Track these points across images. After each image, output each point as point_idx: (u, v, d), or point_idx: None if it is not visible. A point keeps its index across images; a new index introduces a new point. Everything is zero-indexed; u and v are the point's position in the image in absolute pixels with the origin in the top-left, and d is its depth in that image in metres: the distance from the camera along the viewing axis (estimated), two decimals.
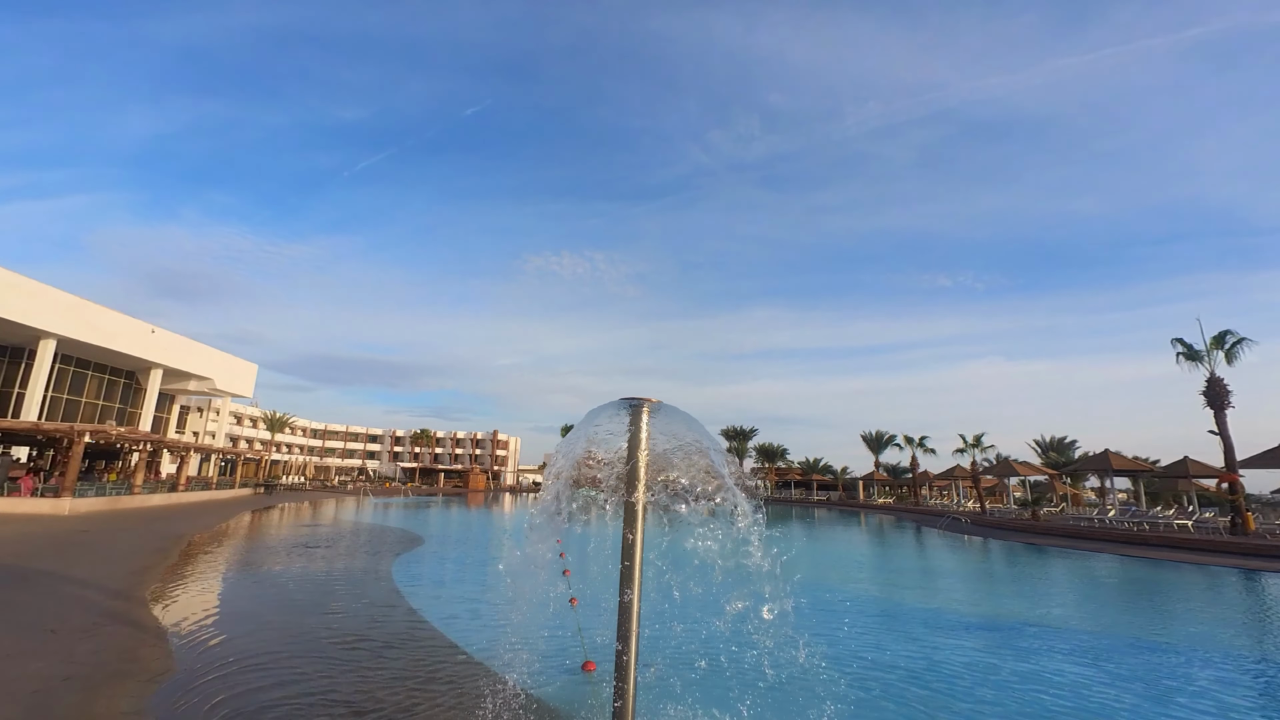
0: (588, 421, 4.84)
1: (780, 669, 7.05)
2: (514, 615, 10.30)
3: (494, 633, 9.12)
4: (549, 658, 7.79)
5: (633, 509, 4.49)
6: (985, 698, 6.72)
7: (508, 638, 8.91)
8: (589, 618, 9.80)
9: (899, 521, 40.03)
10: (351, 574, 13.30)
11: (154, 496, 29.56)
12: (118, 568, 12.34)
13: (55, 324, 37.35)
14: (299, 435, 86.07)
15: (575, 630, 9.06)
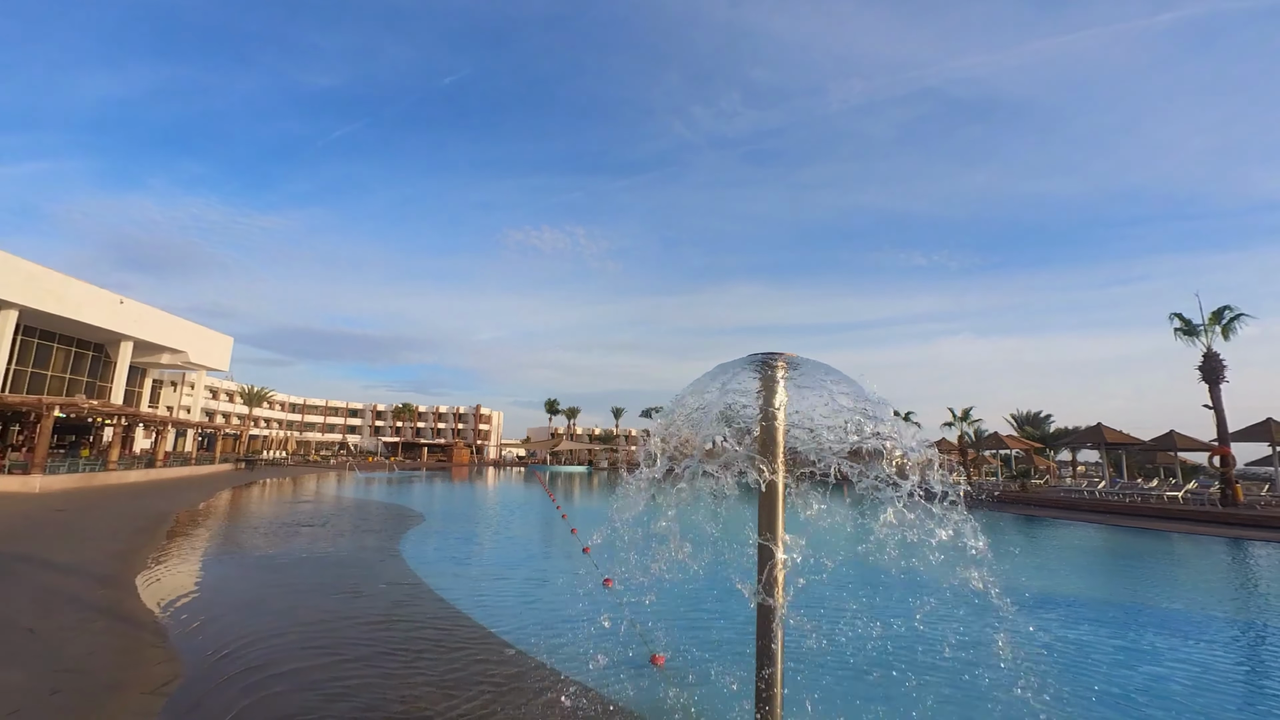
0: (707, 383, 3.91)
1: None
2: (546, 596, 9.49)
3: (532, 618, 8.26)
4: (606, 649, 6.95)
5: (772, 492, 3.59)
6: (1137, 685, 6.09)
7: (548, 624, 8.06)
8: (627, 600, 9.00)
9: None
10: (359, 554, 12.28)
11: (131, 473, 27.90)
12: (100, 550, 11.14)
13: (16, 294, 34.80)
14: (277, 410, 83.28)
15: (621, 616, 8.23)
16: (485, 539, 15.68)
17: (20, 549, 10.84)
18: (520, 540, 15.50)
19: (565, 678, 5.87)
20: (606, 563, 11.73)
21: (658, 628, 7.74)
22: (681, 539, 4.10)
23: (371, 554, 12.49)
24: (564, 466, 74.05)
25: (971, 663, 6.49)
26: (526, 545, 14.73)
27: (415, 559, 12.24)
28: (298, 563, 11.11)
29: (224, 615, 7.58)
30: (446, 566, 11.78)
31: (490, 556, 13.16)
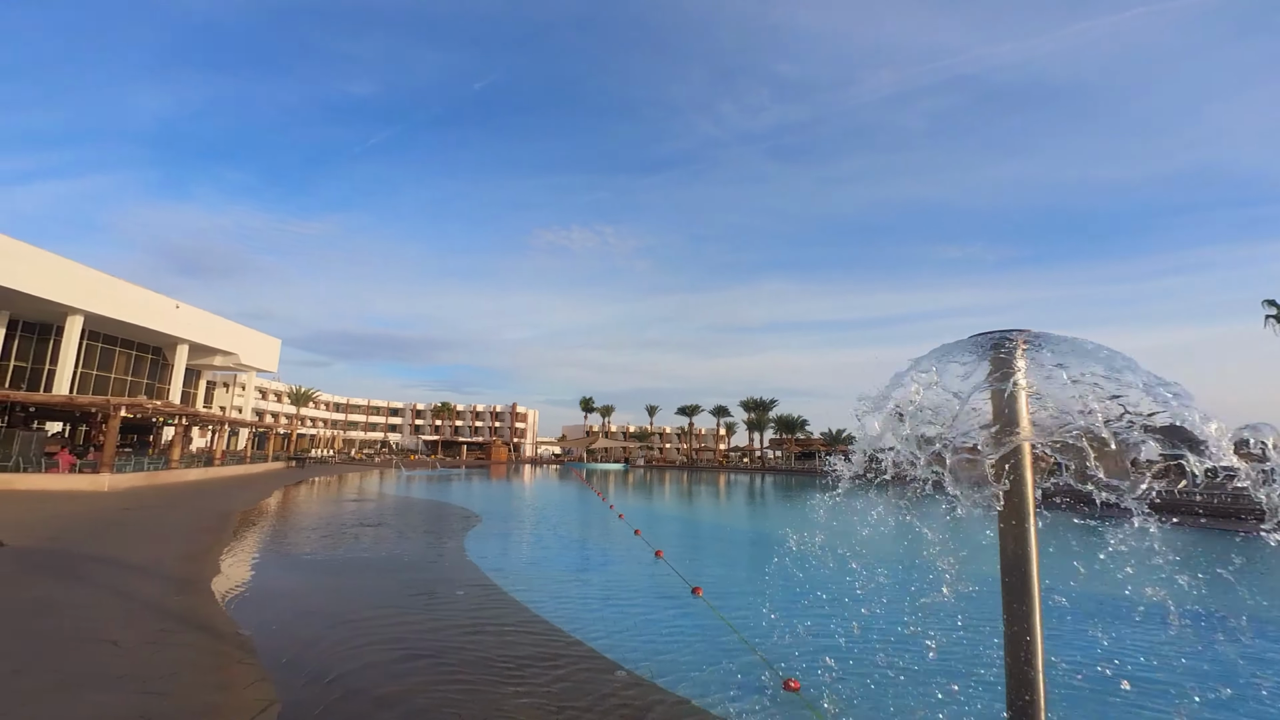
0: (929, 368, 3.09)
1: None
2: (633, 604, 8.79)
3: (628, 630, 7.55)
4: (725, 671, 6.20)
5: (1020, 497, 2.75)
6: None
7: (648, 637, 7.35)
8: (727, 613, 8.23)
9: None
10: (427, 556, 11.82)
11: (191, 471, 28.39)
12: (171, 551, 10.90)
13: (82, 300, 35.98)
14: (322, 409, 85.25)
15: (728, 629, 7.47)
16: (548, 539, 15.10)
17: (97, 550, 10.66)
18: (584, 541, 14.89)
19: (695, 706, 5.14)
20: (686, 569, 10.99)
21: (771, 643, 6.95)
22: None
23: (439, 555, 12.02)
24: (600, 464, 73.73)
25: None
26: (592, 547, 14.11)
27: (484, 560, 11.71)
28: (366, 565, 10.67)
29: (306, 626, 7.09)
30: (518, 569, 11.21)
31: (559, 559, 12.55)
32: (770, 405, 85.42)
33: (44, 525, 13.14)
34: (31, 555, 10.11)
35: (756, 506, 26.89)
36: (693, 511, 24.31)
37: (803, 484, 46.29)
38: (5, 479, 19.61)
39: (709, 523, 20.16)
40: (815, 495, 33.60)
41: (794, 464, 73.82)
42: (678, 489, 37.63)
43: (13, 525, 12.98)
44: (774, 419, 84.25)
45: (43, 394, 29.32)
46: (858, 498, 3.28)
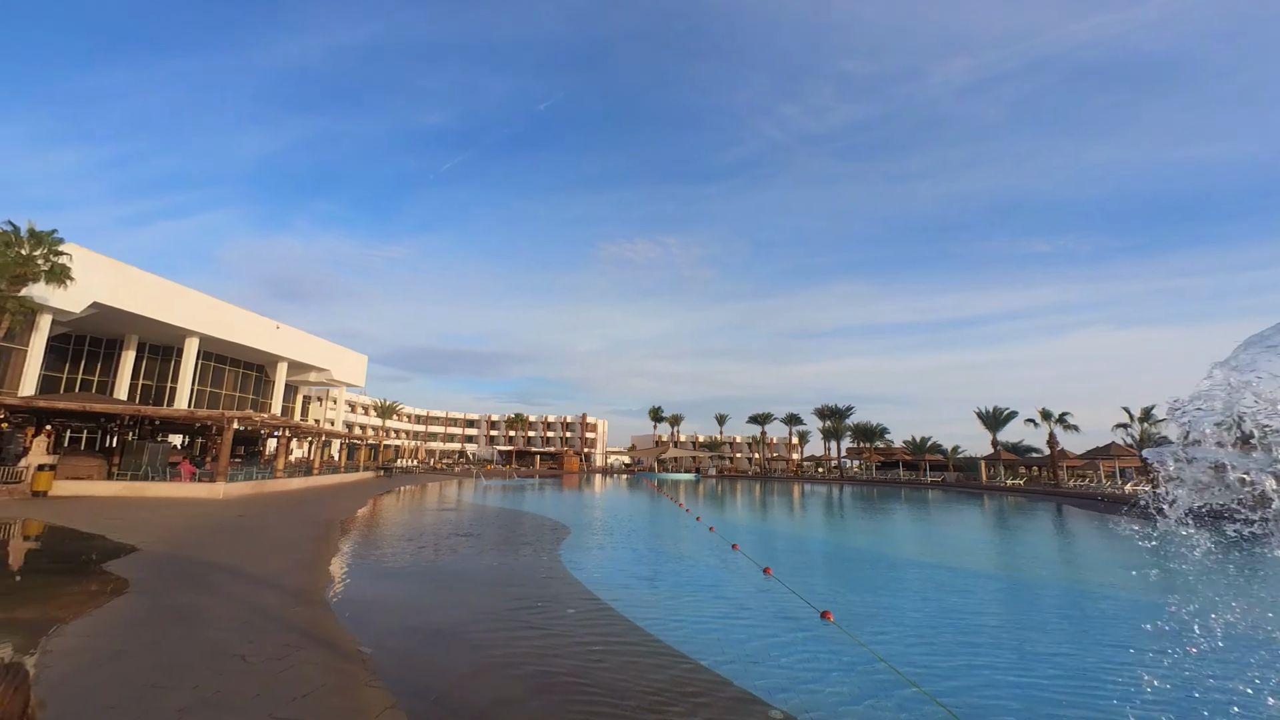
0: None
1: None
2: (757, 628, 7.93)
3: (763, 659, 6.72)
4: (889, 710, 5.26)
5: None
6: None
7: (787, 666, 6.49)
8: (869, 641, 7.23)
9: (1043, 504, 35.01)
10: (528, 570, 11.44)
11: (293, 480, 29.94)
12: (286, 559, 11.06)
13: (198, 323, 39.25)
14: (405, 421, 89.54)
15: (869, 658, 6.50)
16: (643, 553, 14.45)
17: (218, 557, 10.96)
18: (681, 556, 14.12)
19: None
20: (802, 589, 10.01)
21: (931, 677, 5.93)
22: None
23: (538, 568, 11.62)
24: (671, 474, 72.77)
25: None
26: (691, 561, 13.33)
27: (582, 573, 11.21)
28: (469, 578, 10.39)
29: (424, 645, 6.73)
30: (621, 584, 10.60)
31: (661, 574, 11.85)
32: (846, 413, 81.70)
33: (170, 530, 13.85)
34: (162, 561, 10.50)
35: (853, 519, 25.19)
36: (783, 524, 23.01)
37: (885, 495, 43.56)
38: (138, 486, 21.24)
39: (807, 537, 18.88)
40: (910, 506, 31.35)
41: (875, 474, 69.94)
42: (758, 500, 36.17)
43: (144, 530, 13.76)
44: (851, 427, 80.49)
45: (167, 408, 31.89)
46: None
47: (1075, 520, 26.17)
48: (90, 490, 20.69)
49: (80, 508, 17.34)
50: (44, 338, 31.69)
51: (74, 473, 21.78)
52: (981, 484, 54.53)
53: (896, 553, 15.67)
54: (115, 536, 12.88)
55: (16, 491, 18.95)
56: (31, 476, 19.41)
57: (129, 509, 17.56)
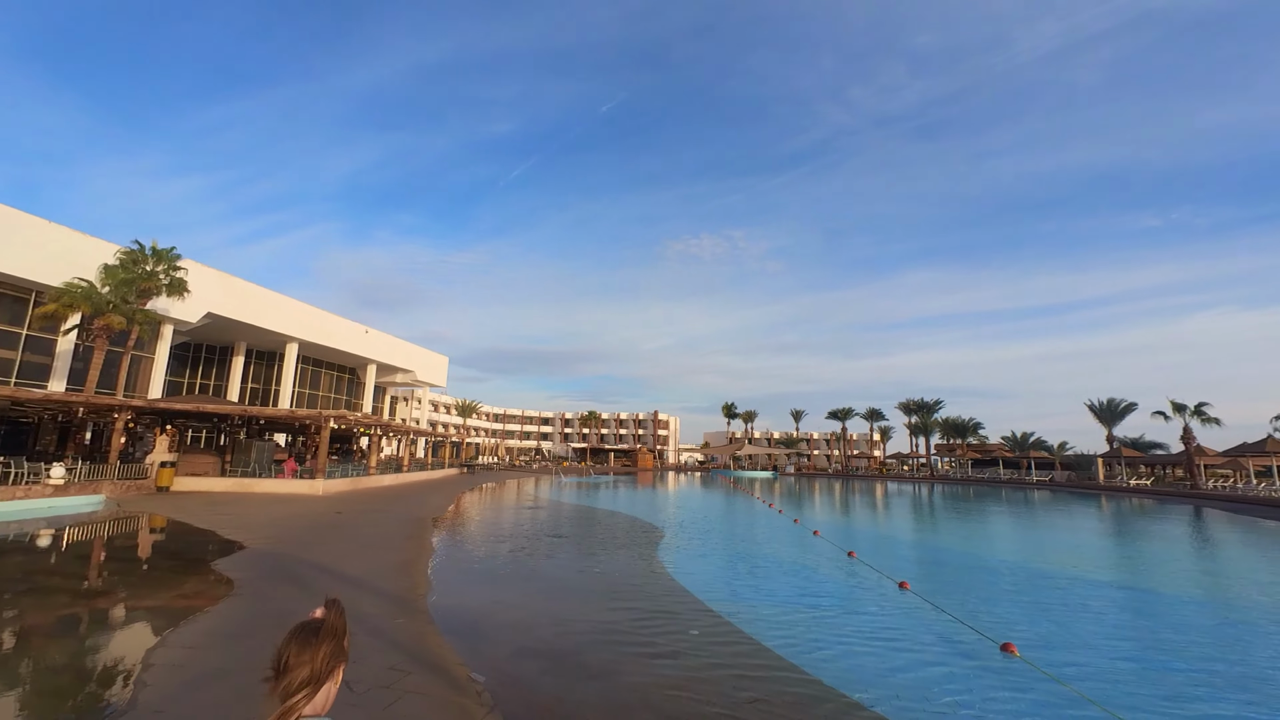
0: None
1: None
2: (921, 660, 6.47)
3: (945, 709, 5.29)
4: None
5: None
6: None
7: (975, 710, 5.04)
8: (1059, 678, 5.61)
9: (1180, 508, 30.44)
10: (630, 577, 10.43)
11: (385, 477, 30.80)
12: (382, 560, 10.64)
13: (296, 329, 41.51)
14: (484, 419, 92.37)
15: (1076, 699, 4.91)
16: (750, 560, 13.13)
17: (319, 556, 10.69)
18: (792, 564, 12.69)
19: None
20: (956, 607, 8.36)
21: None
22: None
23: (644, 576, 10.58)
24: (747, 472, 70.57)
25: None
26: (806, 571, 11.89)
27: (691, 581, 10.07)
28: (575, 587, 9.48)
29: (543, 673, 5.76)
30: (737, 597, 9.36)
31: (777, 586, 10.49)
32: (935, 407, 76.30)
33: (274, 527, 13.97)
34: (267, 559, 10.31)
35: (971, 523, 22.63)
36: (895, 529, 20.92)
37: (985, 495, 39.74)
38: (246, 483, 22.23)
39: (930, 544, 16.83)
40: (1028, 509, 28.07)
41: (970, 472, 64.60)
42: (852, 500, 33.77)
43: (251, 526, 13.95)
44: (940, 422, 75.06)
45: (270, 408, 33.64)
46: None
47: (1237, 528, 22.35)
48: (205, 486, 21.83)
49: (196, 503, 18.15)
50: (167, 346, 34.33)
51: (193, 469, 23.13)
52: (1098, 484, 48.88)
53: (1046, 564, 13.49)
54: (224, 533, 13.06)
55: (143, 487, 20.21)
56: (155, 473, 20.65)
57: (238, 504, 18.20)
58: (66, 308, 26.13)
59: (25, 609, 7.12)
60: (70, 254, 27.79)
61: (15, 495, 15.78)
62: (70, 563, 10.11)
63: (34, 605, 7.30)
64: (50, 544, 12.07)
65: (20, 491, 15.99)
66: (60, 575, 9.05)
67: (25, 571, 9.23)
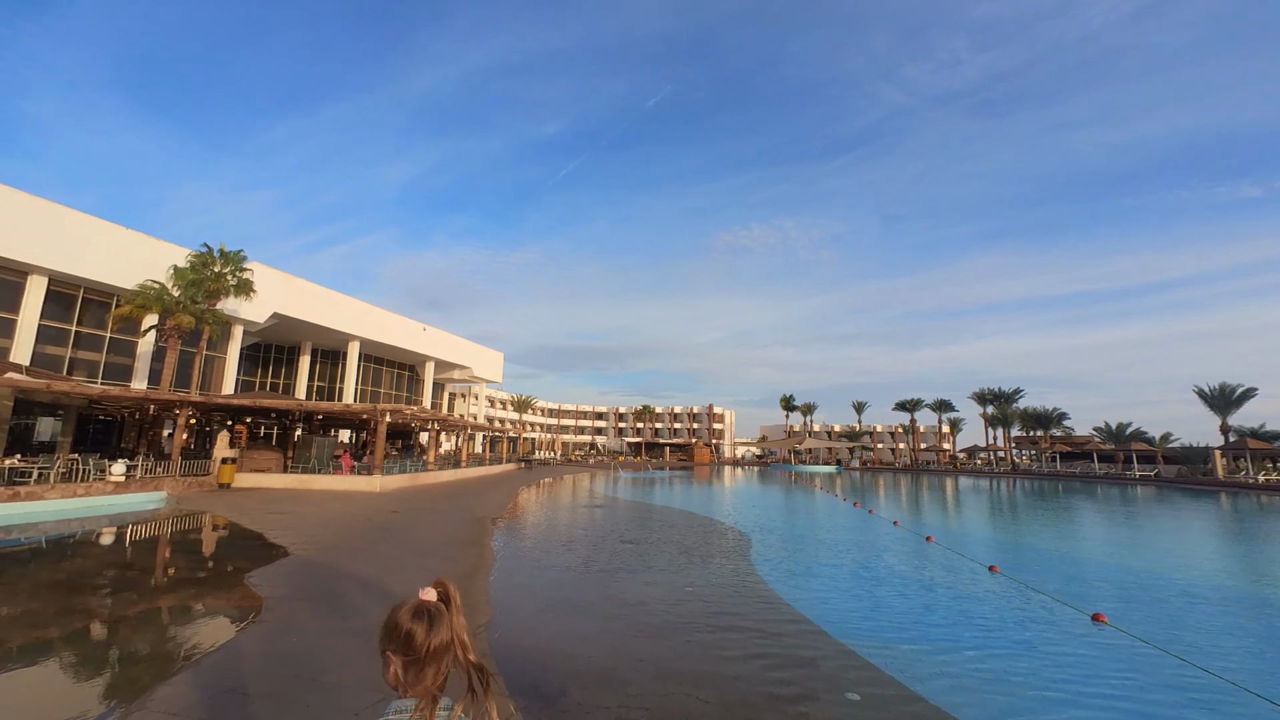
0: None
1: None
2: None
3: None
4: None
5: None
6: None
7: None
8: None
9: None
10: (733, 600, 8.35)
11: (443, 473, 29.97)
12: (435, 573, 9.03)
13: (358, 328, 41.72)
14: (539, 415, 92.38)
15: None
16: (868, 573, 10.83)
17: (366, 568, 9.19)
18: (916, 579, 10.32)
19: None
20: (1197, 653, 5.85)
21: None
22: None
23: (749, 599, 8.49)
24: (809, 466, 67.14)
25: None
26: (939, 587, 9.52)
27: (814, 608, 7.91)
28: (670, 616, 7.49)
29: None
30: (881, 627, 7.15)
31: (917, 611, 8.20)
32: (1013, 396, 70.45)
33: (325, 529, 12.74)
34: (307, 571, 8.88)
35: (1100, 524, 19.33)
36: (1019, 533, 17.96)
37: (1083, 492, 35.33)
38: (305, 479, 21.57)
39: (1075, 554, 13.94)
40: (1156, 508, 24.16)
41: (1060, 466, 58.84)
42: (940, 497, 30.47)
43: (301, 528, 12.77)
44: (1019, 412, 69.13)
45: (325, 403, 33.49)
46: None
47: None
48: (266, 482, 21.28)
49: (253, 500, 17.39)
50: (238, 346, 34.81)
51: (256, 465, 22.73)
52: (1216, 479, 42.99)
53: (1238, 584, 10.54)
54: (272, 535, 11.88)
55: (205, 484, 19.78)
56: (217, 469, 20.19)
57: (294, 502, 17.32)
58: (140, 309, 26.46)
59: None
60: (147, 259, 28.22)
61: (76, 492, 15.33)
62: (94, 570, 9.00)
63: (10, 623, 6.02)
64: (86, 546, 11.18)
65: (81, 489, 15.54)
66: (69, 588, 7.84)
67: (34, 583, 8.08)
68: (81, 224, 26.39)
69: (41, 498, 14.41)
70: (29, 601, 7.01)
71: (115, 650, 5.63)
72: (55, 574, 8.68)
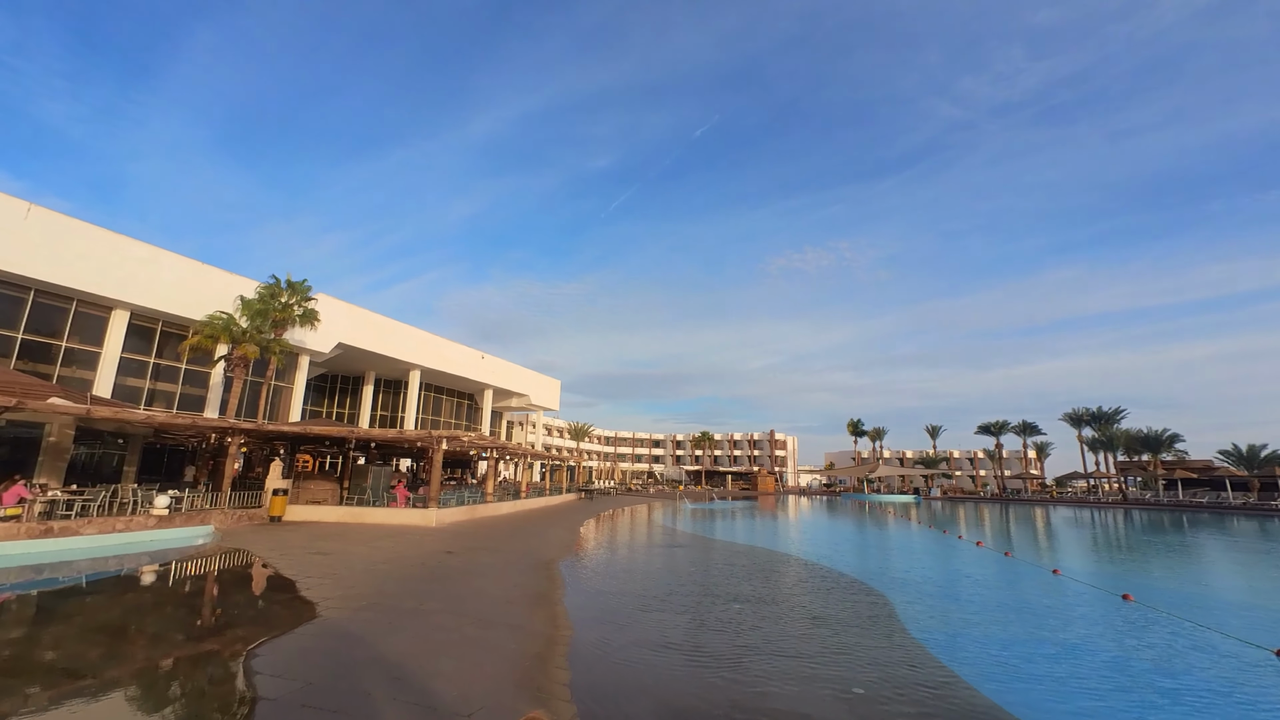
0: None
1: None
2: None
3: None
4: None
5: None
6: None
7: None
8: None
9: None
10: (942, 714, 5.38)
11: (503, 505, 27.80)
12: (496, 653, 6.49)
13: (419, 357, 41.12)
14: (595, 443, 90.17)
15: None
16: (1073, 652, 7.51)
17: (403, 646, 6.76)
18: (1137, 657, 6.94)
19: None
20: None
21: None
22: None
23: (935, 694, 5.50)
24: (884, 495, 61.44)
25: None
26: (1174, 672, 6.15)
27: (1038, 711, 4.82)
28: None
29: None
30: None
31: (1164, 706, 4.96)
32: (1114, 416, 62.83)
33: (367, 579, 10.48)
34: (331, 648, 6.50)
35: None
36: (1224, 586, 13.84)
37: (1207, 524, 29.31)
38: (358, 512, 19.77)
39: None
40: None
41: (1180, 495, 51.03)
42: (1073, 534, 25.68)
43: (342, 575, 10.58)
44: (1123, 435, 61.24)
45: (377, 429, 32.18)
46: None
47: None
48: (319, 515, 19.59)
49: (300, 536, 15.56)
50: (304, 376, 34.43)
51: (311, 496, 21.22)
52: None
53: None
54: (305, 585, 9.72)
55: (256, 517, 18.23)
56: (268, 501, 18.67)
57: (343, 539, 15.36)
58: (209, 339, 26.14)
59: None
60: (221, 292, 28.20)
61: (115, 527, 13.85)
62: (67, 635, 6.96)
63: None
64: (75, 597, 9.33)
65: (121, 523, 14.07)
66: (26, 663, 5.74)
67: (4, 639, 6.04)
68: (158, 258, 26.55)
69: (76, 533, 12.97)
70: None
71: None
72: (48, 626, 6.67)
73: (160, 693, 5.30)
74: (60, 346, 24.34)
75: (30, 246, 22.44)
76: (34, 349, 23.47)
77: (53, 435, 17.62)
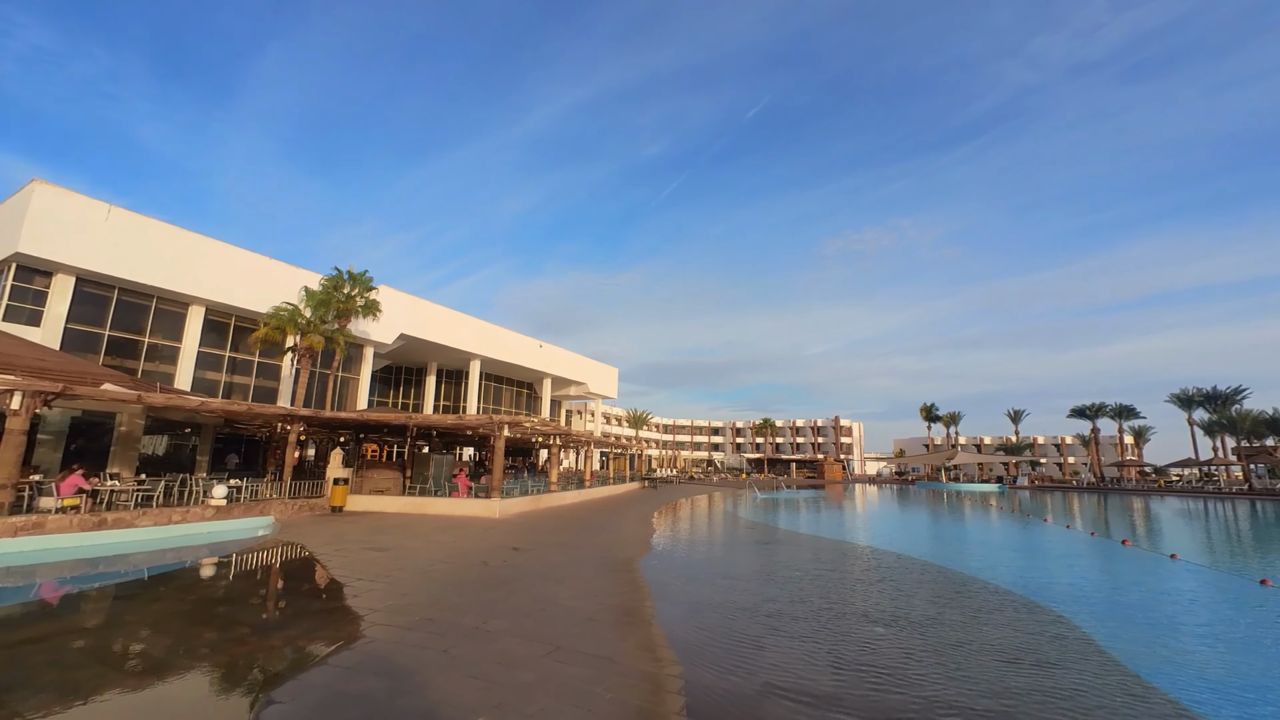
0: None
1: None
2: None
3: None
4: None
5: None
6: None
7: None
8: None
9: None
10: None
11: (567, 494, 26.36)
12: (578, 687, 4.53)
13: (479, 346, 40.58)
14: (654, 431, 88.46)
15: None
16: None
17: (459, 686, 4.92)
18: None
19: None
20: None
21: None
22: None
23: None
24: (964, 485, 56.50)
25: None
26: None
27: None
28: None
29: None
30: None
31: None
32: (1233, 397, 55.20)
33: (423, 582, 8.85)
34: (377, 684, 4.72)
35: None
36: None
37: None
38: (419, 502, 18.61)
39: None
40: None
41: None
42: (1218, 528, 21.59)
43: (395, 577, 8.99)
44: (1246, 418, 53.61)
45: (437, 415, 31.40)
46: None
47: None
48: (381, 505, 18.58)
49: (359, 528, 14.38)
50: (369, 368, 34.32)
51: (375, 486, 20.33)
52: None
53: None
54: (355, 590, 8.17)
55: (317, 507, 17.36)
56: (329, 491, 17.77)
57: (403, 531, 14.05)
58: (275, 330, 25.94)
59: None
60: (287, 286, 28.10)
61: (172, 519, 13.02)
62: (37, 654, 5.54)
63: None
64: (98, 600, 8.10)
65: (178, 514, 13.24)
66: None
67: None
68: (228, 255, 26.67)
69: (131, 525, 12.16)
70: None
71: None
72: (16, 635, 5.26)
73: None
74: (144, 342, 24.70)
75: (112, 247, 22.68)
76: (121, 345, 23.87)
77: (123, 425, 17.29)
